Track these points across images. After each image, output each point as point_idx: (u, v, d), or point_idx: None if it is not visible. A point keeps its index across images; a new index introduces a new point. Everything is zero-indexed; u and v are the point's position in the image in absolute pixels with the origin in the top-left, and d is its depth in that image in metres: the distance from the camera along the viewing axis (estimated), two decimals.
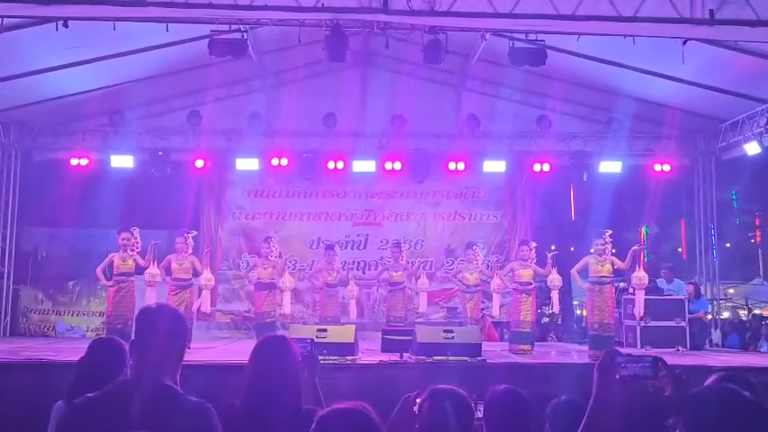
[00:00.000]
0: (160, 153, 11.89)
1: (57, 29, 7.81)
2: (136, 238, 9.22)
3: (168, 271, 9.34)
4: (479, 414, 2.89)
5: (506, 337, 11.43)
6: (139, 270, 9.22)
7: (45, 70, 9.65)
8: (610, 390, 2.23)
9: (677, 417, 2.04)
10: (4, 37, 8.14)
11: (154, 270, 9.11)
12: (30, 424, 3.22)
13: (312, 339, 3.33)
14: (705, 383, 2.28)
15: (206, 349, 8.77)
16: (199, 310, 9.88)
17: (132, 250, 9.16)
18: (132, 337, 2.42)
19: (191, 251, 9.52)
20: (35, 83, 9.93)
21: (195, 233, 9.74)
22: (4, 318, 12.00)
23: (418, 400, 2.68)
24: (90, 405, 2.27)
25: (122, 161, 11.82)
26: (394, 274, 10.45)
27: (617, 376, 2.22)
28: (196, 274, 9.49)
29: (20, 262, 12.41)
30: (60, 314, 12.40)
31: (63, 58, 9.49)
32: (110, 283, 9.12)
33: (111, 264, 9.21)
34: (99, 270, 9.23)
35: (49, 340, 11.39)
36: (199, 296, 9.73)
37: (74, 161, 11.78)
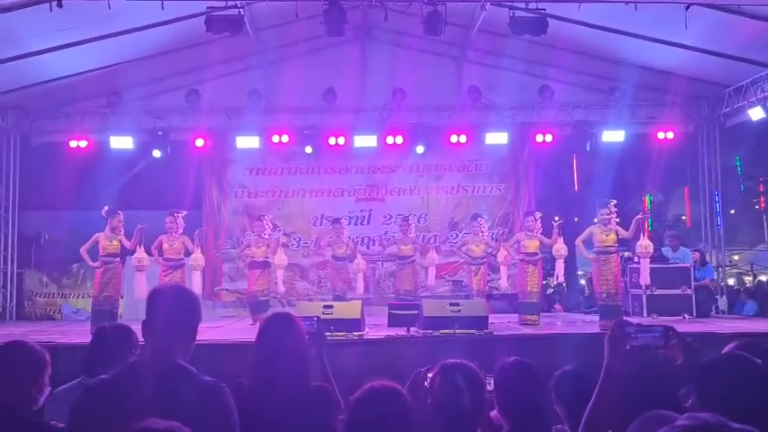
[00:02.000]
0: (159, 133, 11.82)
1: (51, 9, 7.72)
2: (122, 219, 9.14)
3: (161, 251, 9.29)
4: (489, 387, 2.86)
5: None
6: (124, 252, 9.14)
7: (40, 52, 9.54)
8: (620, 360, 2.20)
9: (689, 386, 2.02)
10: None
11: (141, 254, 9.02)
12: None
13: (318, 317, 3.34)
14: (722, 352, 2.25)
15: (212, 329, 8.77)
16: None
17: (119, 232, 9.08)
18: (145, 317, 2.38)
19: (181, 230, 9.39)
20: (30, 65, 9.83)
21: (185, 212, 9.62)
22: (10, 302, 12.04)
23: (429, 375, 2.66)
24: (104, 387, 2.25)
25: (122, 142, 11.75)
26: (402, 247, 10.39)
27: (627, 347, 2.20)
28: (187, 253, 9.40)
29: (23, 246, 12.44)
30: (66, 297, 12.43)
31: (58, 40, 9.37)
32: (96, 264, 8.99)
33: (95, 244, 9.04)
34: (83, 250, 9.08)
35: (55, 323, 11.42)
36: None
37: (73, 143, 11.70)
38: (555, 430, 2.82)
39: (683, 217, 17.76)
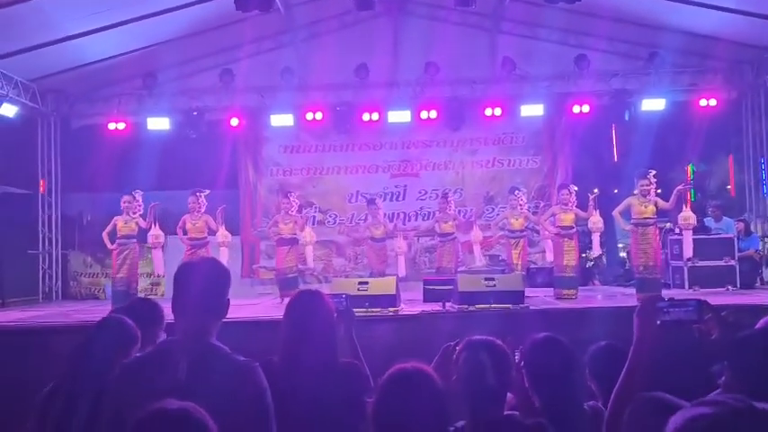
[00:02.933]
0: (195, 113, 11.91)
1: None
2: (138, 201, 9.23)
3: (185, 231, 9.44)
4: (517, 357, 2.82)
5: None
6: (142, 232, 9.26)
7: (75, 36, 9.65)
8: (650, 337, 2.14)
9: (723, 363, 1.95)
10: (31, 5, 8.15)
11: (156, 231, 9.20)
12: None
13: (347, 294, 3.32)
14: (756, 326, 2.16)
15: (249, 306, 8.88)
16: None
17: (134, 213, 9.17)
18: (173, 295, 2.36)
19: (203, 210, 9.52)
20: (66, 49, 9.96)
21: (207, 191, 9.71)
22: (56, 282, 12.39)
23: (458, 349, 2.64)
24: (138, 366, 2.27)
25: (158, 123, 11.89)
26: (443, 225, 10.30)
27: (658, 322, 2.13)
28: (211, 232, 9.53)
29: (66, 227, 12.75)
30: (109, 276, 12.66)
31: (93, 23, 9.48)
32: (113, 246, 9.16)
33: (114, 227, 9.21)
34: (105, 234, 9.28)
35: (98, 302, 11.70)
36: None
37: (111, 126, 11.91)
38: (587, 406, 2.78)
39: (728, 186, 17.29)
